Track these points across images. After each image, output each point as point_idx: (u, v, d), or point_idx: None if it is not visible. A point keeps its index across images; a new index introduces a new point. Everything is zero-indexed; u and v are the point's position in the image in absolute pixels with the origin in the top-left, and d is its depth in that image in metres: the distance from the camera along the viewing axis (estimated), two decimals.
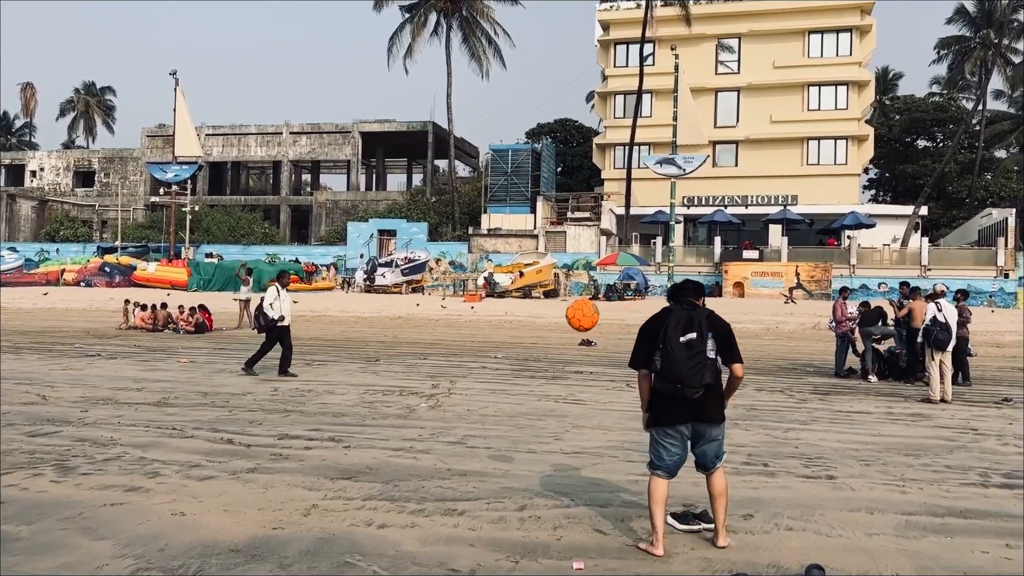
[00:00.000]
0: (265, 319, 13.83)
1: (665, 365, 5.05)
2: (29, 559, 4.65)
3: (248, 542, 5.05)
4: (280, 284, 14.07)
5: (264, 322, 13.86)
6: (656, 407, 5.23)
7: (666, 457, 5.25)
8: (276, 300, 13.86)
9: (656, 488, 5.19)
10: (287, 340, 14.02)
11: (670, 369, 5.03)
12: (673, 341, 5.06)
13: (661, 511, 5.14)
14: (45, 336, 21.67)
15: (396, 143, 60.33)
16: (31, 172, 63.83)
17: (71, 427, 8.80)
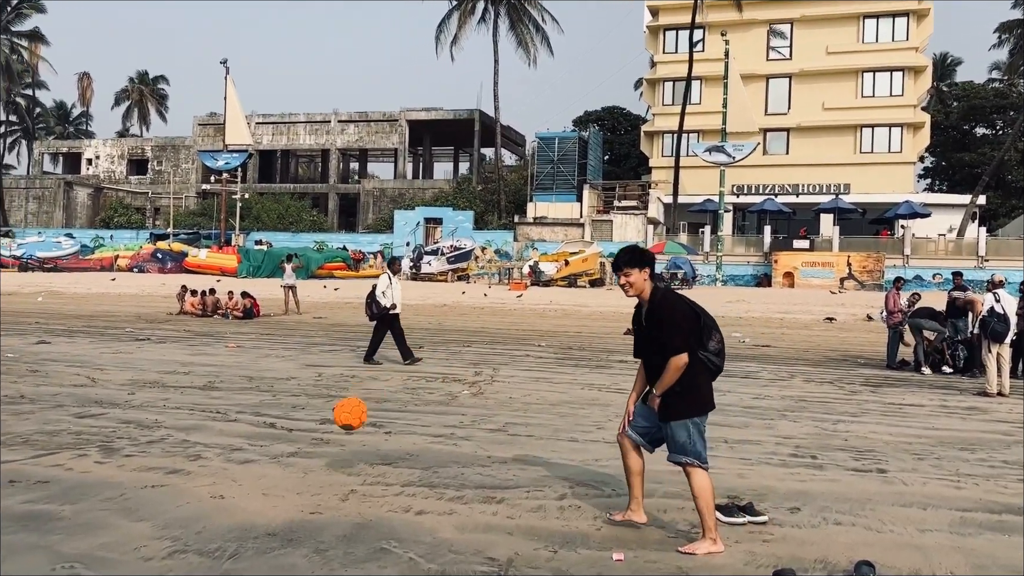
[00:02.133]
0: (378, 307, 13.50)
1: (721, 346, 4.88)
2: (69, 538, 4.68)
3: (285, 526, 5.02)
4: (391, 271, 13.78)
5: (376, 310, 13.54)
6: (706, 391, 4.91)
7: (705, 445, 4.94)
8: (388, 288, 13.51)
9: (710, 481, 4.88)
10: (397, 327, 13.70)
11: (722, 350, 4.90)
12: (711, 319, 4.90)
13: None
14: (98, 320, 22.13)
15: (443, 131, 60.42)
16: (87, 160, 65.29)
17: (118, 409, 8.92)
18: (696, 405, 4.86)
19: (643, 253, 4.99)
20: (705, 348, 4.81)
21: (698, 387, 4.85)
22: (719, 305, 29.47)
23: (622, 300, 31.34)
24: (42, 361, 12.92)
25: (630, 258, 4.92)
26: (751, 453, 7.42)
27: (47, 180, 62.40)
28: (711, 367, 4.88)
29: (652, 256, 5.02)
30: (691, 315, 4.83)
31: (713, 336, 4.84)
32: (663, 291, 4.92)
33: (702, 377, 4.86)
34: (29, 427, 7.79)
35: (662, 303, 4.86)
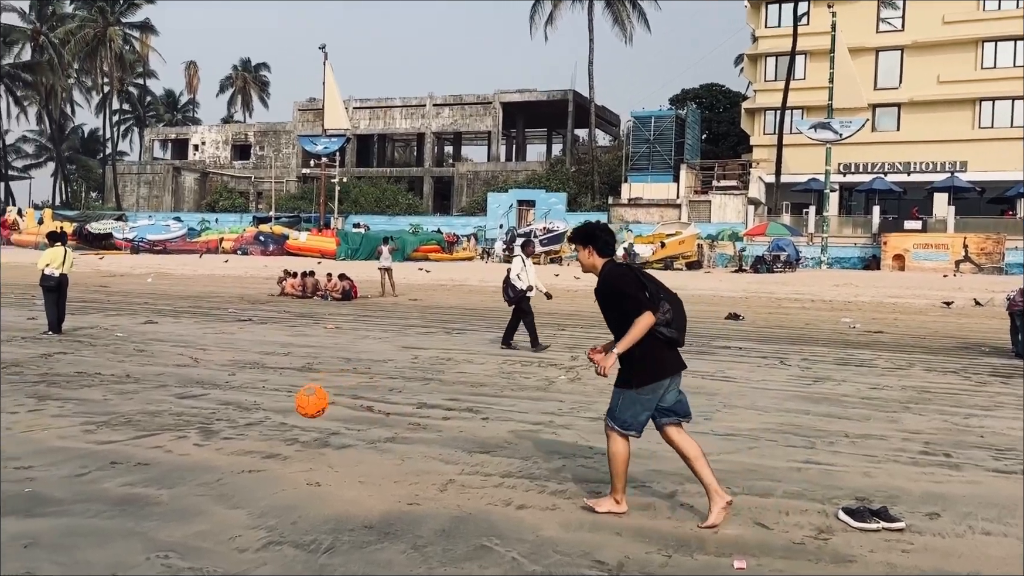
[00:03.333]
0: (514, 291, 12.93)
1: (677, 312, 4.84)
2: (164, 525, 4.57)
3: (382, 518, 4.80)
4: (525, 253, 13.30)
5: (513, 294, 12.97)
6: (652, 365, 4.83)
7: (644, 417, 4.94)
8: (523, 270, 12.94)
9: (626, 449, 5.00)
10: (527, 307, 13.07)
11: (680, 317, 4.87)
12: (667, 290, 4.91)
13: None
14: (203, 301, 22.73)
15: (536, 113, 60.03)
16: (194, 146, 67.62)
17: (218, 390, 8.95)
18: (639, 377, 4.84)
19: (587, 231, 5.04)
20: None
21: (642, 359, 4.81)
22: (826, 288, 28.28)
23: (721, 283, 30.48)
24: (148, 341, 13.22)
25: (574, 235, 5.12)
26: (876, 450, 6.84)
27: (157, 166, 64.93)
28: (660, 338, 4.80)
29: (598, 234, 5.02)
30: (636, 283, 4.81)
31: (661, 307, 4.76)
32: (609, 266, 4.95)
33: (648, 350, 4.78)
34: (132, 407, 7.86)
35: (606, 277, 4.90)
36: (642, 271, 5.00)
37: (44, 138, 77.46)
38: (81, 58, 64.01)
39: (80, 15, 64.40)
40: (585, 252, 5.01)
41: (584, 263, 5.06)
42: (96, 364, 10.51)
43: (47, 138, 75.85)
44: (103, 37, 62.21)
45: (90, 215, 54.97)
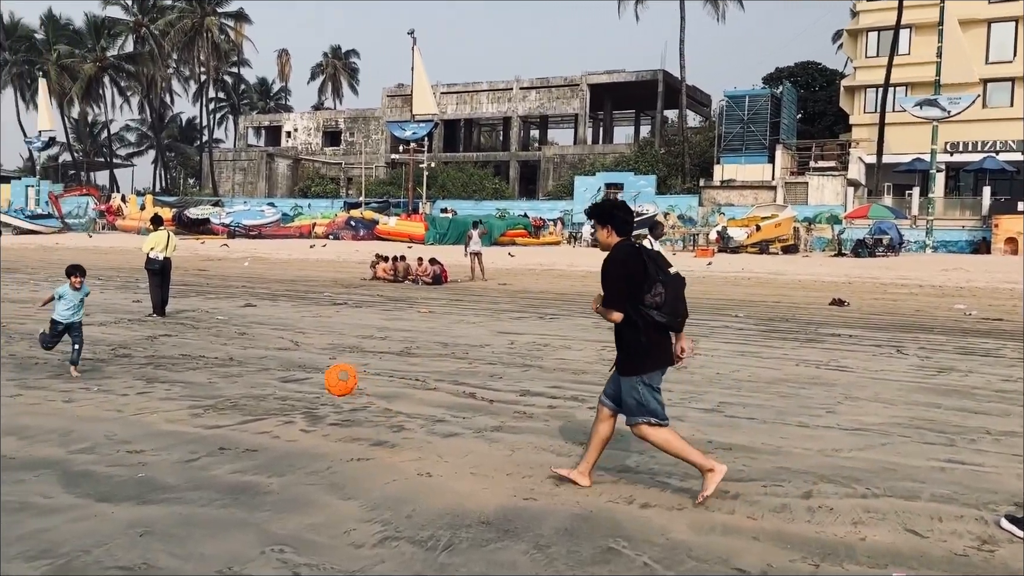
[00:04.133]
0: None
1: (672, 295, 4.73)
2: (276, 516, 4.42)
3: (499, 513, 4.55)
4: (653, 236, 12.56)
5: None
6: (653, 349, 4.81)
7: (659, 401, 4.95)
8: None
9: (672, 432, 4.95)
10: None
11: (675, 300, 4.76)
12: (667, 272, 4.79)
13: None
14: (298, 284, 23.06)
15: (624, 94, 59.06)
16: (286, 133, 69.05)
17: (320, 374, 8.87)
18: (646, 362, 4.78)
19: (605, 210, 4.96)
20: (641, 302, 4.68)
21: (643, 343, 4.74)
22: (934, 273, 26.88)
23: (822, 268, 29.33)
24: (249, 324, 13.36)
25: (591, 212, 5.04)
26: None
27: (251, 152, 66.56)
28: (652, 322, 4.69)
29: (616, 213, 4.93)
30: (633, 267, 4.70)
31: (652, 289, 4.66)
32: (616, 247, 4.86)
33: (647, 333, 4.72)
34: (237, 391, 7.84)
35: (608, 258, 4.86)
36: (649, 251, 4.84)
37: (145, 127, 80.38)
38: (179, 48, 66.02)
39: (179, 6, 66.35)
40: (604, 231, 4.93)
41: (602, 242, 4.97)
42: (200, 347, 10.62)
43: (148, 127, 78.66)
44: (200, 27, 63.99)
45: (188, 201, 56.77)
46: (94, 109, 72.03)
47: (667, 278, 4.71)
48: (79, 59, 66.19)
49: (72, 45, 67.62)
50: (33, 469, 5.12)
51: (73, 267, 8.67)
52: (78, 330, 8.46)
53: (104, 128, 75.28)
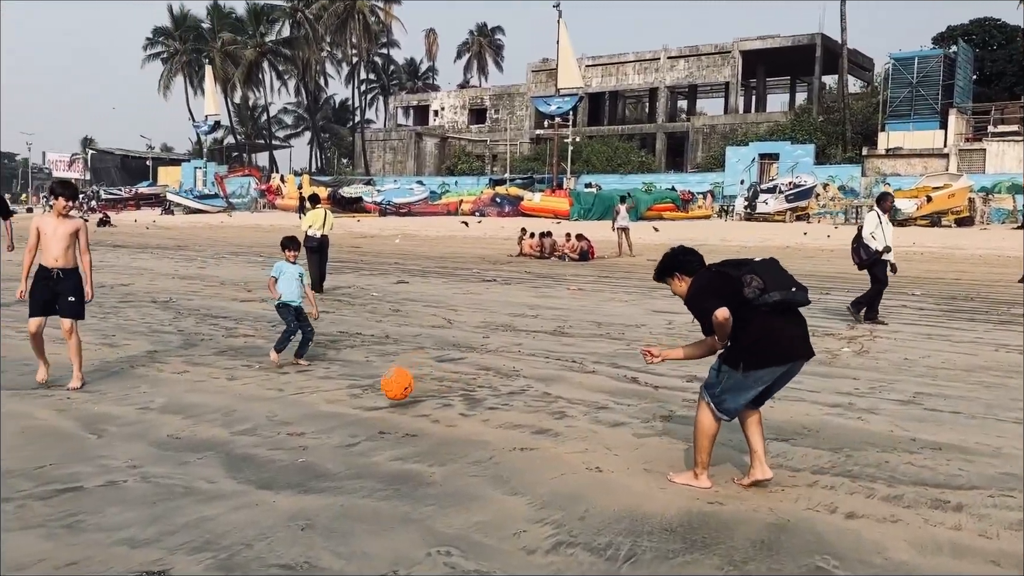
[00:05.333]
0: (867, 252, 11.11)
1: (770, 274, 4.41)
2: (441, 511, 4.12)
3: (683, 520, 4.07)
4: (881, 209, 11.29)
5: (866, 256, 11.14)
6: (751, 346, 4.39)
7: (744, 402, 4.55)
8: (878, 227, 11.10)
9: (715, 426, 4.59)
10: (882, 274, 11.21)
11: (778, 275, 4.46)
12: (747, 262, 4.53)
13: None
14: (447, 261, 23.18)
15: (779, 60, 56.25)
16: (433, 112, 70.11)
17: (475, 353, 8.64)
18: (750, 359, 4.31)
19: (663, 267, 4.64)
20: (746, 302, 4.23)
21: (755, 339, 4.29)
22: None
23: (1004, 241, 26.90)
24: (402, 301, 13.37)
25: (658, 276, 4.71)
26: None
27: (401, 132, 68.02)
28: (769, 309, 4.25)
29: (678, 259, 4.60)
30: (710, 280, 4.39)
31: (746, 282, 4.24)
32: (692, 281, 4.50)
33: (762, 328, 4.27)
34: None
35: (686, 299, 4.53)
36: (724, 262, 4.50)
37: (301, 109, 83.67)
38: (332, 31, 68.14)
39: None
40: (675, 283, 4.62)
41: (680, 293, 4.62)
42: (356, 324, 10.63)
43: (304, 109, 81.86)
44: (352, 10, 65.74)
45: (342, 180, 58.68)
46: (254, 93, 75.69)
47: (753, 265, 4.36)
48: (241, 45, 69.54)
49: (235, 32, 71.09)
50: (197, 451, 5.05)
51: (288, 239, 8.09)
52: (306, 319, 7.83)
53: (263, 111, 78.91)
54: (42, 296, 6.54)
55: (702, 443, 4.53)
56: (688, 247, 4.69)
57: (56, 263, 6.50)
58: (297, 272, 7.80)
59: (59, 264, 6.51)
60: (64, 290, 6.53)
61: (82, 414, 5.86)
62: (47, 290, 6.53)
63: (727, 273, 4.35)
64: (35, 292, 6.54)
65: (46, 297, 6.55)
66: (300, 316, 7.77)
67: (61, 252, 6.51)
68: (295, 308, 7.74)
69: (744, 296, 4.23)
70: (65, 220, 6.58)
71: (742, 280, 4.25)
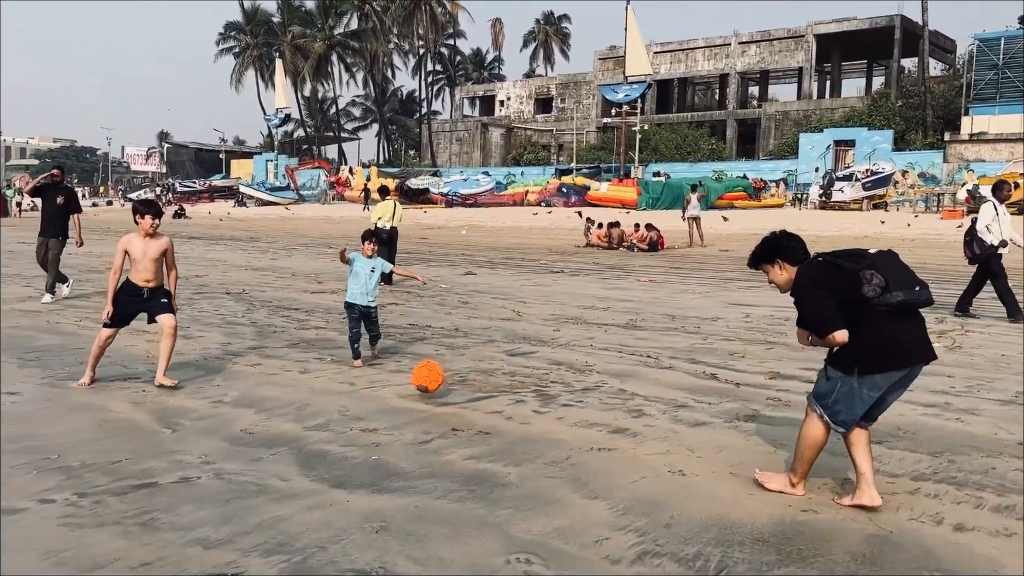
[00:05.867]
0: (980, 246, 10.34)
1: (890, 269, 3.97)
2: (518, 515, 3.95)
3: (775, 529, 3.83)
4: (997, 199, 10.55)
5: (979, 250, 10.36)
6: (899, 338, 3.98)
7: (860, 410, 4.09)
8: (995, 220, 10.25)
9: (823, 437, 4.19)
10: (998, 268, 10.40)
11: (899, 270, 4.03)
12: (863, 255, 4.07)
13: None
14: (514, 252, 23.05)
15: (855, 44, 54.52)
16: (499, 102, 70.05)
17: (546, 347, 8.46)
18: (865, 362, 3.88)
19: (767, 248, 4.22)
20: (865, 300, 3.81)
21: (871, 341, 3.85)
22: None
23: None
24: (470, 292, 13.27)
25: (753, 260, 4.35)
26: None
27: (467, 123, 68.12)
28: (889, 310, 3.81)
29: (781, 244, 4.20)
30: (825, 275, 3.92)
31: (866, 279, 3.80)
32: (799, 272, 4.05)
33: (879, 330, 3.84)
34: (465, 364, 7.56)
35: (792, 290, 4.09)
36: (837, 253, 4.02)
37: (369, 101, 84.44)
38: (399, 23, 68.56)
39: None
40: (775, 271, 4.19)
41: (781, 283, 4.19)
42: (425, 316, 10.55)
43: (371, 101, 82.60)
44: (419, 1, 66.00)
45: (409, 172, 59.04)
46: (323, 86, 76.71)
47: (872, 259, 3.89)
48: (310, 39, 70.50)
49: (304, 26, 72.11)
50: (271, 447, 4.99)
51: (369, 232, 7.75)
52: (374, 320, 7.46)
53: (332, 104, 79.94)
54: (125, 310, 6.44)
55: (806, 454, 4.18)
56: (792, 232, 4.30)
57: (147, 283, 6.42)
58: (370, 266, 7.44)
59: (150, 284, 6.43)
60: (154, 300, 6.47)
61: (157, 407, 5.87)
62: (132, 305, 6.44)
63: (841, 266, 3.90)
64: (119, 304, 6.43)
65: (129, 311, 6.46)
66: (367, 318, 7.40)
67: (152, 273, 6.42)
68: (361, 309, 7.35)
69: (862, 294, 3.82)
70: (153, 240, 6.44)
71: (860, 276, 3.82)
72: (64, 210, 11.44)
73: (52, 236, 11.40)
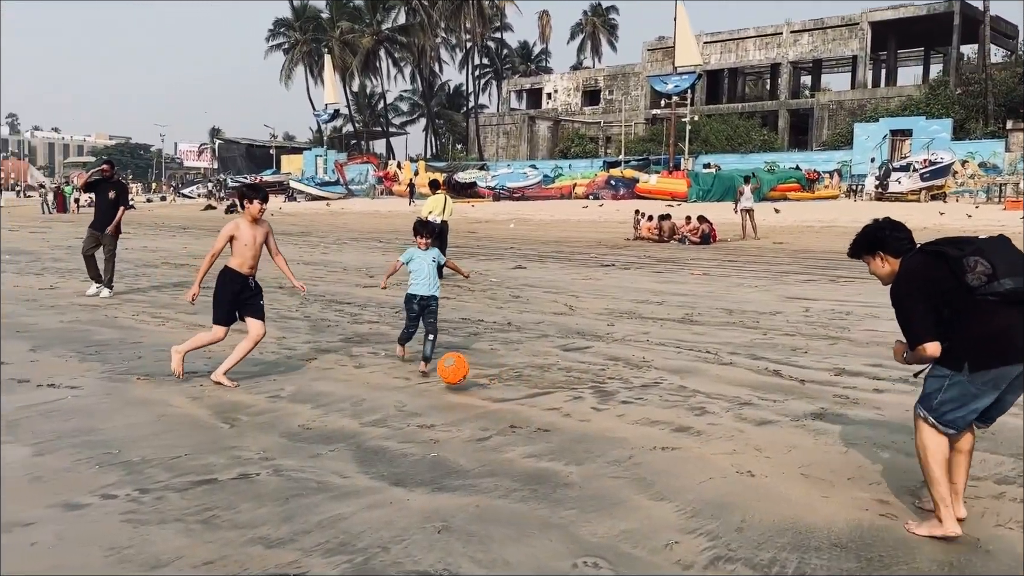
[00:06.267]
0: None
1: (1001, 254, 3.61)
2: (583, 516, 3.84)
3: (852, 534, 3.66)
4: None
5: None
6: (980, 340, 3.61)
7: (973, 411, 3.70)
8: None
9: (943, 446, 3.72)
10: None
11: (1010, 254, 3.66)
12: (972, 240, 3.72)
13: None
14: (563, 245, 22.90)
15: (911, 31, 53.07)
16: (547, 95, 69.71)
17: (601, 342, 8.33)
18: (976, 357, 3.53)
19: (867, 239, 3.87)
20: (970, 290, 3.49)
21: (981, 333, 3.52)
22: None
23: None
24: (521, 286, 13.17)
25: (853, 251, 3.98)
26: None
27: (514, 116, 67.98)
28: (995, 299, 3.47)
29: (883, 234, 3.84)
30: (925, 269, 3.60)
31: (970, 267, 3.48)
32: (902, 265, 3.73)
33: (975, 322, 3.53)
34: (520, 359, 7.46)
35: (891, 288, 3.76)
36: (941, 241, 3.69)
37: (416, 96, 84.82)
38: (447, 17, 68.66)
39: None
40: (877, 263, 3.87)
41: (883, 276, 3.87)
42: (477, 310, 10.48)
43: (419, 95, 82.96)
44: None
45: (456, 166, 59.11)
46: (371, 81, 77.24)
47: (979, 244, 3.57)
48: (358, 34, 70.97)
49: (352, 21, 72.62)
50: (329, 443, 4.94)
51: (421, 224, 7.29)
52: (433, 313, 6.98)
53: (380, 99, 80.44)
54: (233, 305, 6.33)
55: (934, 472, 3.64)
56: (897, 221, 3.93)
57: (252, 271, 6.32)
58: (430, 257, 7.03)
59: (253, 271, 6.34)
60: (256, 294, 6.40)
61: (215, 402, 5.87)
62: (239, 295, 6.31)
63: (944, 254, 3.58)
64: (226, 297, 6.29)
65: (236, 306, 6.35)
66: (427, 310, 6.96)
67: (256, 260, 6.32)
68: (422, 301, 6.95)
69: (966, 283, 3.50)
70: (257, 226, 6.33)
71: (964, 264, 3.50)
72: (115, 204, 11.58)
73: (104, 231, 11.53)
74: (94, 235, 11.55)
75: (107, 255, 11.56)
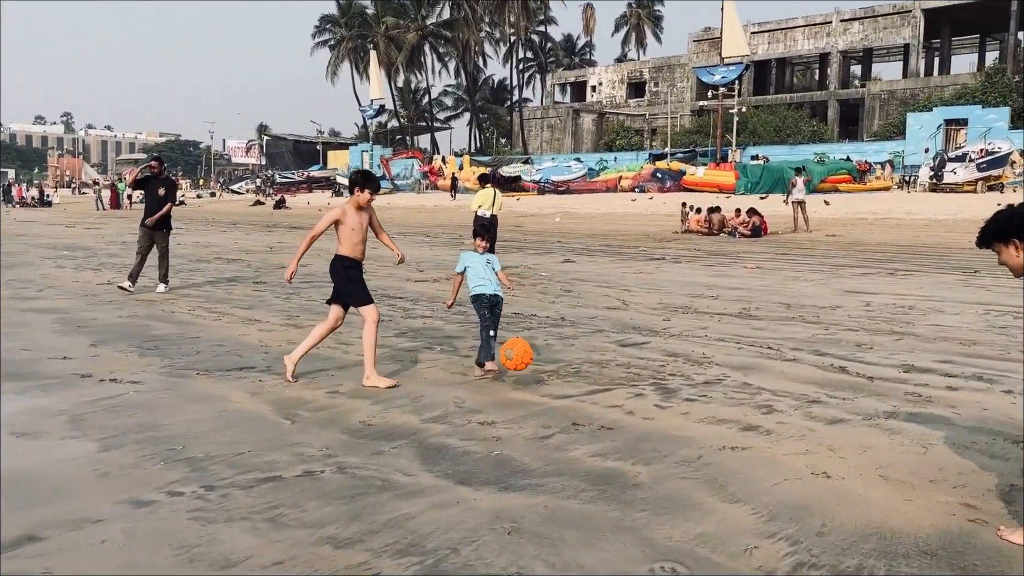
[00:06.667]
0: None
1: None
2: (655, 519, 3.72)
3: (942, 540, 3.49)
4: None
5: None
6: None
7: None
8: None
9: None
10: None
11: None
12: None
13: None
14: (611, 239, 22.71)
15: (966, 18, 51.69)
16: (591, 87, 69.33)
17: (658, 338, 8.18)
18: None
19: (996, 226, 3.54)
20: None
21: None
22: None
23: None
24: (571, 280, 13.05)
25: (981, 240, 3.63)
26: None
27: (558, 109, 67.67)
28: None
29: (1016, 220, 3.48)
30: None
31: None
32: None
33: None
34: (576, 355, 7.35)
35: None
36: None
37: (461, 90, 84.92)
38: (491, 11, 68.56)
39: None
40: (1010, 251, 3.53)
41: (1014, 266, 3.53)
42: (529, 305, 10.39)
43: (463, 90, 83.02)
44: None
45: (501, 160, 59.01)
46: (416, 76, 77.53)
47: None
48: (403, 29, 71.22)
49: (397, 16, 72.89)
50: (390, 439, 4.89)
51: (480, 227, 7.25)
52: (498, 315, 6.74)
53: (425, 94, 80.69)
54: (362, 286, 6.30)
55: None
56: None
57: (361, 256, 6.27)
58: (485, 259, 6.82)
59: (363, 256, 6.29)
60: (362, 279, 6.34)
61: (275, 398, 5.86)
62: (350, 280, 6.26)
63: None
64: (357, 277, 6.26)
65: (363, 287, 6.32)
66: (495, 308, 6.67)
67: (365, 244, 6.27)
68: (489, 299, 6.63)
69: None
70: (362, 211, 6.24)
71: None
72: (164, 201, 11.70)
73: (156, 228, 11.66)
74: (148, 233, 11.69)
75: (160, 252, 11.70)
